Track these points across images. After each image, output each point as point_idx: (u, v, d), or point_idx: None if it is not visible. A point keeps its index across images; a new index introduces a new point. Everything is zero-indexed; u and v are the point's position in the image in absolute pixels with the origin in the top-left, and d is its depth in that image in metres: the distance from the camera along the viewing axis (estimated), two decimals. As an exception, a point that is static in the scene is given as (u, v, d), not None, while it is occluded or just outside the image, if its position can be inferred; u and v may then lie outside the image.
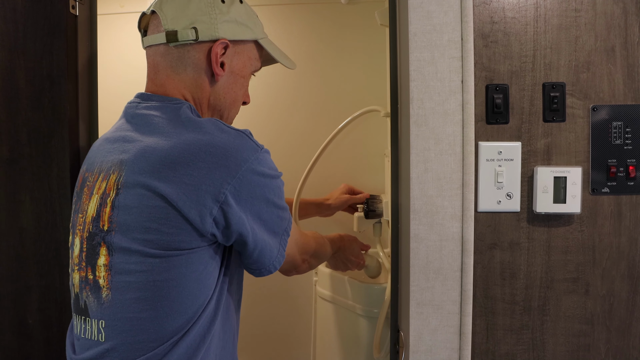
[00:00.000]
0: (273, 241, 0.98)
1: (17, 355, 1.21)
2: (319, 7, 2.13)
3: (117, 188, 0.90)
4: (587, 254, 1.03)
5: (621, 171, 1.01)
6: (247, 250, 0.95)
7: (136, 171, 0.89)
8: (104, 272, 0.90)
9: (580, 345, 1.03)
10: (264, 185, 0.93)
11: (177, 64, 1.01)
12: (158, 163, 0.88)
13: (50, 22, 1.17)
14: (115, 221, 0.89)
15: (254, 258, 0.96)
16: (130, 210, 0.88)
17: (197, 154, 0.87)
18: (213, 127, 0.91)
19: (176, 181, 0.86)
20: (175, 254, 0.88)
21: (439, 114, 1.00)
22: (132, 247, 0.88)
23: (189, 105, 0.97)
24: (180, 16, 0.99)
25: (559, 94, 1.01)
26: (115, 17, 2.16)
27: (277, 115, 2.17)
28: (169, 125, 0.92)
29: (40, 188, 1.19)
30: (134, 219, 0.88)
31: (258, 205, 0.93)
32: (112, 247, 0.89)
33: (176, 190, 0.86)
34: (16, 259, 1.20)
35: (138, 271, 0.88)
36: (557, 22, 1.01)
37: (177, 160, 0.87)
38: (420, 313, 1.02)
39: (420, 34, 0.99)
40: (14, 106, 1.18)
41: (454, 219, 1.00)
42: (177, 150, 0.88)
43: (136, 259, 0.88)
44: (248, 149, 0.91)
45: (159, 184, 0.87)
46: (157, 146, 0.89)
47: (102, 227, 0.91)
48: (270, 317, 2.16)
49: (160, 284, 0.88)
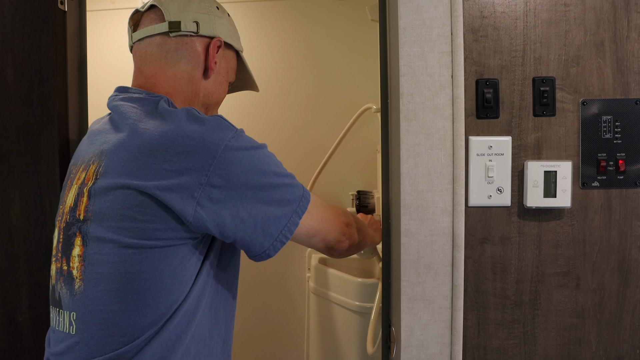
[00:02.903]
0: (283, 211, 0.93)
1: (7, 353, 1.21)
2: (310, 3, 2.13)
3: (95, 178, 0.91)
4: (577, 248, 1.03)
5: (611, 165, 1.02)
6: (247, 228, 0.91)
7: (115, 160, 0.89)
8: (78, 262, 0.90)
9: (571, 338, 1.04)
10: (250, 158, 0.90)
11: (172, 54, 1.03)
12: (137, 152, 0.88)
13: (38, 18, 1.17)
14: (91, 210, 0.89)
15: (258, 233, 0.91)
16: (106, 197, 0.88)
17: (176, 140, 0.87)
18: (188, 115, 0.92)
19: (156, 168, 0.86)
20: (149, 245, 0.87)
21: (429, 108, 1.00)
22: (106, 237, 0.87)
23: (167, 99, 0.97)
24: (182, 11, 1.04)
25: (548, 88, 1.01)
26: (107, 13, 2.15)
27: (269, 111, 2.17)
28: (146, 117, 0.93)
29: (30, 185, 1.18)
30: (109, 206, 0.88)
31: (253, 178, 0.90)
32: (87, 237, 0.89)
33: (156, 178, 0.86)
34: (5, 257, 1.19)
35: (110, 262, 0.87)
36: (547, 16, 1.01)
37: (156, 148, 0.87)
38: (412, 308, 1.02)
39: (410, 29, 0.99)
40: (2, 102, 1.17)
41: (444, 213, 1.00)
42: (155, 139, 0.88)
43: (110, 249, 0.87)
44: (224, 129, 0.90)
45: (138, 173, 0.86)
46: (136, 136, 0.90)
47: (78, 217, 0.91)
48: (264, 313, 2.16)
49: (132, 275, 0.87)
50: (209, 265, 0.95)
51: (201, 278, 0.93)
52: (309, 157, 2.12)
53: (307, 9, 2.13)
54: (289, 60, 2.16)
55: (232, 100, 2.19)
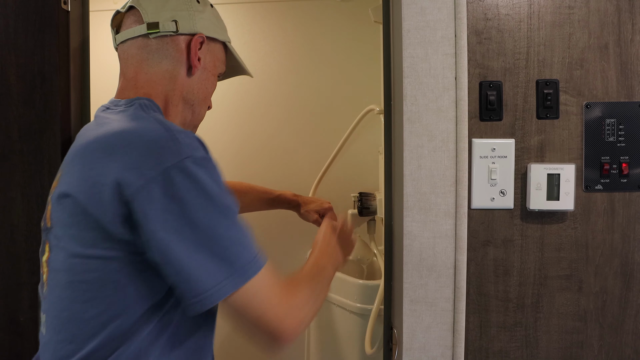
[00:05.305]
0: (215, 266, 0.78)
1: (8, 353, 1.20)
2: (313, 4, 2.13)
3: (57, 185, 0.90)
4: (580, 251, 1.03)
5: (614, 168, 1.01)
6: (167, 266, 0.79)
7: (65, 166, 0.90)
8: (46, 268, 0.91)
9: (573, 342, 1.03)
10: (199, 190, 0.78)
11: (153, 55, 1.00)
12: (75, 156, 0.87)
13: (41, 18, 1.17)
14: (53, 217, 0.89)
15: (177, 278, 0.79)
16: (58, 206, 0.86)
17: (120, 142, 0.81)
18: (152, 120, 0.86)
19: (83, 174, 0.82)
20: (93, 255, 0.82)
21: (433, 110, 0.99)
22: (59, 244, 0.86)
23: (143, 103, 0.93)
24: (160, 10, 1.01)
25: (552, 91, 1.01)
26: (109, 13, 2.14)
27: (272, 112, 2.16)
28: (113, 122, 0.89)
29: (32, 185, 1.18)
30: (59, 215, 0.86)
31: (187, 210, 0.78)
32: (51, 244, 0.89)
33: (81, 184, 0.82)
34: (7, 256, 1.19)
35: (62, 269, 0.86)
36: (551, 19, 1.01)
37: (96, 148, 0.83)
38: (414, 310, 1.02)
39: (414, 31, 0.99)
40: (5, 102, 1.17)
41: (447, 216, 1.00)
42: (100, 139, 0.84)
43: (62, 257, 0.86)
44: (187, 146, 0.80)
45: (70, 180, 0.84)
46: (88, 139, 0.87)
47: (47, 224, 0.91)
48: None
49: (76, 285, 0.84)
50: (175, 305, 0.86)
51: (163, 312, 0.85)
52: (311, 158, 2.11)
53: (310, 11, 2.12)
54: (292, 62, 2.16)
55: (234, 101, 2.19)
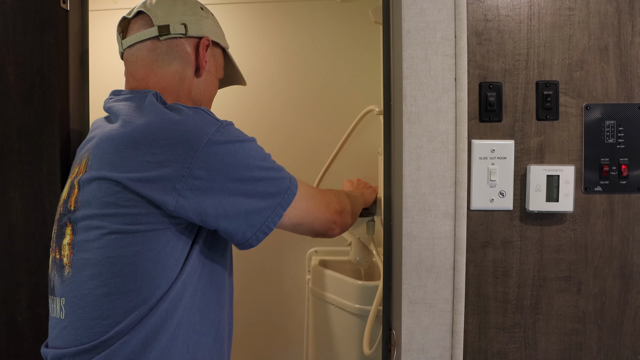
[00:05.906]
0: (267, 203, 0.96)
1: (6, 353, 1.20)
2: (313, 5, 2.13)
3: (85, 170, 0.94)
4: (579, 253, 1.02)
5: (614, 170, 1.01)
6: (229, 218, 0.93)
7: (100, 153, 0.93)
8: (68, 250, 0.93)
9: (572, 343, 1.03)
10: (234, 151, 0.92)
11: (163, 57, 1.07)
12: (121, 144, 0.91)
13: (40, 17, 1.16)
14: (80, 200, 0.93)
15: (240, 223, 0.94)
16: (90, 187, 0.91)
17: (159, 132, 0.90)
18: (173, 108, 0.95)
19: (139, 160, 0.89)
20: (132, 230, 0.89)
21: (432, 111, 0.99)
22: (92, 224, 0.90)
23: (155, 93, 0.99)
24: (169, 14, 1.08)
25: (552, 92, 1.01)
26: (109, 13, 2.14)
27: (271, 113, 2.16)
28: (135, 111, 0.96)
29: (30, 184, 1.18)
30: (94, 195, 0.91)
31: (236, 171, 0.92)
32: (76, 226, 0.92)
33: (137, 170, 0.88)
34: (5, 256, 1.19)
35: (95, 248, 0.90)
36: (551, 20, 1.01)
37: (139, 140, 0.90)
38: (413, 311, 1.02)
39: (414, 31, 0.99)
40: (4, 101, 1.17)
41: (446, 217, 1.00)
42: (138, 131, 0.91)
43: (94, 236, 0.90)
44: (207, 123, 0.93)
45: (119, 165, 0.89)
46: (120, 129, 0.93)
47: (69, 208, 0.95)
48: (263, 314, 2.15)
49: (114, 260, 0.89)
50: (198, 253, 0.97)
51: (189, 265, 0.94)
52: (311, 159, 2.11)
53: (309, 11, 2.12)
54: (291, 62, 2.16)
55: (234, 102, 2.19)
